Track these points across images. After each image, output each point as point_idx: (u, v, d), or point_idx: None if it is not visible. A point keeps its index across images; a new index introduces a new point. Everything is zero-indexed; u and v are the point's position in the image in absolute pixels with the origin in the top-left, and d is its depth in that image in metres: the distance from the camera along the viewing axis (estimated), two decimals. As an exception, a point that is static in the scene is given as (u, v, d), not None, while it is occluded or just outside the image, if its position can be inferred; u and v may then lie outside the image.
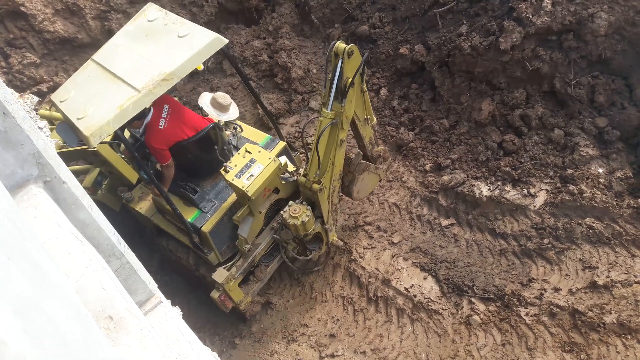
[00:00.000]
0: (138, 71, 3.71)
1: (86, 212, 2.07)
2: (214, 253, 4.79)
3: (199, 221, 4.62)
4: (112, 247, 2.18)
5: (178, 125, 4.49)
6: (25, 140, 1.74)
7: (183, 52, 3.74)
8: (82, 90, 3.78)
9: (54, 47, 7.14)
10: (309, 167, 4.56)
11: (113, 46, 4.08)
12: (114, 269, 2.13)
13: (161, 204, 4.72)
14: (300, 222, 4.59)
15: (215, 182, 4.90)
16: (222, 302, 4.74)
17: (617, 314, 4.59)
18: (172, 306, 2.59)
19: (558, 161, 5.62)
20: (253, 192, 4.32)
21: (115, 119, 3.44)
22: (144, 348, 1.60)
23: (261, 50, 7.47)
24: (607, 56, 5.67)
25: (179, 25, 4.01)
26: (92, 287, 1.68)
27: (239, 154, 4.47)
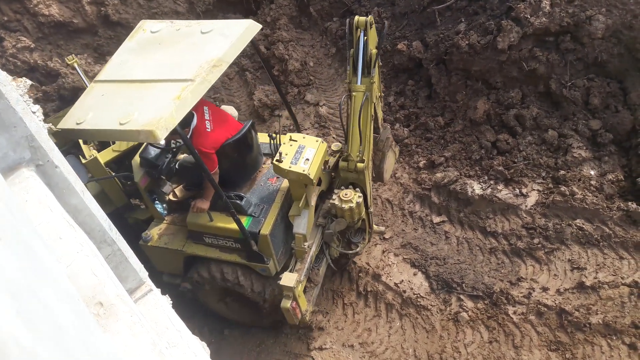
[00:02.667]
0: (176, 68, 3.71)
1: (78, 197, 2.05)
2: (273, 261, 4.51)
3: (254, 227, 4.36)
4: (103, 233, 2.17)
5: (221, 125, 4.38)
6: (18, 122, 1.72)
7: (221, 42, 3.77)
8: (104, 106, 3.69)
9: (48, 31, 7.07)
10: (349, 146, 4.40)
11: (119, 64, 4.02)
12: (105, 255, 2.12)
13: (202, 223, 4.44)
14: (355, 204, 4.39)
15: (253, 187, 4.73)
16: (294, 311, 4.41)
17: (603, 314, 4.64)
18: (162, 295, 2.58)
19: (551, 162, 5.66)
20: (314, 175, 4.18)
21: (177, 109, 3.38)
22: (134, 335, 1.59)
23: (258, 41, 7.44)
24: (603, 59, 5.70)
25: (194, 25, 4.05)
26: (83, 273, 1.67)
27: (284, 144, 4.33)
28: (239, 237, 4.36)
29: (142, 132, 3.32)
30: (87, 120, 3.62)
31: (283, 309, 4.37)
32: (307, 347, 5.06)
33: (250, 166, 4.75)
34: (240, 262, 4.55)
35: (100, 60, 7.27)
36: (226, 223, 4.35)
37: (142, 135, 3.35)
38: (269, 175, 4.79)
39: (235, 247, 4.49)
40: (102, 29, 7.22)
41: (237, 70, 7.48)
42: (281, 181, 4.69)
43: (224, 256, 4.58)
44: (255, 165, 4.78)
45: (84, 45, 7.23)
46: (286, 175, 4.23)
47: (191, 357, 2.13)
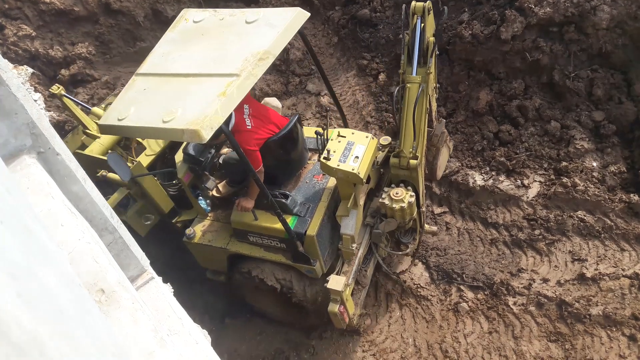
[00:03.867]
0: (220, 61, 3.52)
1: (80, 185, 2.05)
2: (319, 262, 4.35)
3: (299, 227, 4.20)
4: (105, 221, 2.17)
5: (263, 122, 4.21)
6: (19, 109, 1.71)
7: (267, 32, 3.58)
8: (146, 101, 3.54)
9: (49, 19, 7.03)
10: (402, 142, 4.17)
11: (161, 55, 3.84)
12: (106, 243, 2.13)
13: (246, 222, 4.32)
14: (406, 204, 4.16)
15: (298, 184, 4.56)
16: (342, 315, 4.26)
17: (603, 306, 4.65)
18: (163, 283, 2.59)
19: (553, 153, 5.64)
20: (364, 174, 3.98)
21: (222, 107, 3.21)
22: (136, 322, 1.60)
23: (260, 30, 7.40)
24: (607, 50, 5.66)
25: (239, 14, 3.85)
26: (84, 260, 1.67)
27: (332, 140, 4.10)
28: (284, 237, 4.22)
29: (187, 132, 3.16)
30: (129, 116, 3.45)
31: (330, 313, 4.22)
32: (307, 335, 5.09)
33: (295, 163, 4.57)
34: (285, 263, 4.41)
35: (101, 48, 7.25)
36: (271, 222, 4.20)
37: (186, 135, 3.19)
38: (314, 172, 4.61)
39: (280, 247, 4.37)
40: (103, 17, 7.19)
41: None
42: (328, 179, 4.51)
43: (268, 256, 4.44)
44: (300, 162, 4.61)
45: (85, 34, 7.20)
46: (334, 174, 4.03)
47: (192, 344, 2.14)
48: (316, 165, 4.59)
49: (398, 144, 4.23)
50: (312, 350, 5.00)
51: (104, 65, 7.26)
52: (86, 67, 7.00)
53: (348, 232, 4.20)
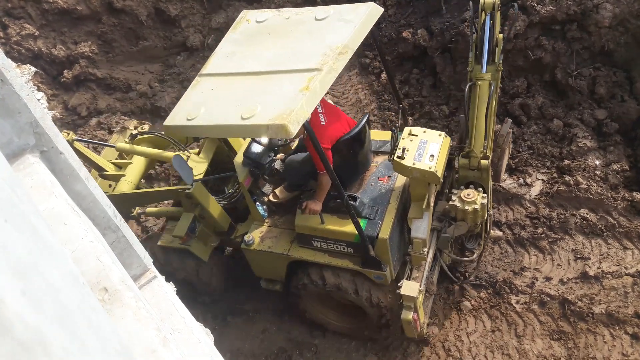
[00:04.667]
0: (296, 57, 3.46)
1: (83, 184, 2.06)
2: (389, 268, 4.17)
3: (370, 230, 4.03)
4: (108, 220, 2.17)
5: (335, 120, 4.12)
6: (22, 108, 1.72)
7: (342, 28, 3.51)
8: (217, 100, 3.51)
9: (52, 18, 7.06)
10: (472, 141, 4.06)
11: (226, 56, 3.81)
12: (109, 242, 2.13)
13: (312, 226, 4.17)
14: (479, 205, 4.01)
15: (363, 187, 4.39)
16: (415, 323, 4.10)
17: (606, 304, 4.64)
18: (166, 282, 2.60)
19: (555, 152, 5.63)
20: (441, 172, 3.86)
21: (307, 101, 3.14)
22: (139, 320, 1.61)
23: (262, 29, 7.40)
24: (609, 48, 5.65)
25: (306, 13, 3.80)
26: (87, 259, 1.68)
27: (403, 139, 3.94)
28: (353, 242, 4.09)
29: (272, 127, 3.09)
30: (201, 116, 3.41)
31: (404, 321, 4.07)
32: (310, 334, 5.10)
33: (361, 164, 4.42)
34: (353, 269, 4.23)
35: (104, 47, 7.26)
36: (339, 226, 4.09)
37: (271, 130, 3.13)
38: (378, 175, 4.44)
39: (347, 252, 4.22)
40: (106, 17, 7.21)
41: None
42: (393, 181, 4.33)
43: (334, 261, 4.26)
44: (365, 164, 4.46)
45: (87, 33, 7.22)
46: (409, 173, 3.86)
47: (195, 343, 2.14)
48: (380, 167, 4.47)
49: (468, 143, 4.13)
50: (315, 349, 5.01)
51: (107, 64, 7.28)
52: (89, 66, 7.02)
53: (420, 235, 4.02)
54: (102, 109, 6.92)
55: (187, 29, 7.58)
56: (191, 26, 7.61)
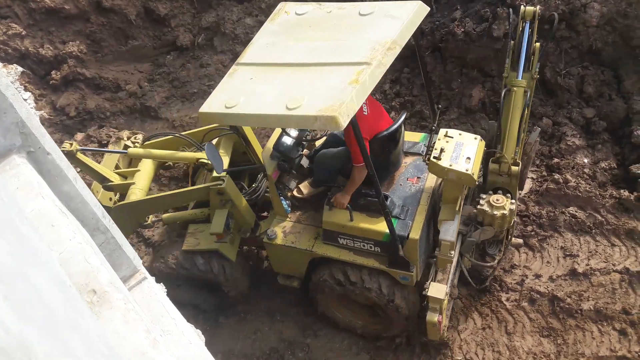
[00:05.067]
0: (342, 51, 3.42)
1: (71, 184, 2.04)
2: (416, 269, 4.13)
3: (400, 230, 3.98)
4: (96, 221, 2.16)
5: (377, 113, 4.07)
6: (8, 108, 1.70)
7: (389, 24, 3.47)
8: (257, 89, 3.47)
9: (40, 18, 6.99)
10: (504, 147, 4.08)
11: (264, 46, 3.77)
12: (98, 243, 2.11)
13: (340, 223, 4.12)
14: (507, 211, 3.98)
15: (392, 187, 4.34)
16: (439, 325, 4.07)
17: (594, 301, 4.69)
18: (156, 283, 2.58)
19: (545, 150, 5.67)
20: (477, 175, 3.84)
21: (357, 94, 3.11)
22: (128, 322, 1.59)
23: (253, 28, 7.37)
24: (597, 47, 5.70)
25: (349, 7, 3.76)
26: (75, 260, 1.66)
27: (439, 140, 3.93)
28: (381, 241, 4.05)
29: (321, 118, 3.06)
30: (240, 104, 3.38)
31: (429, 322, 4.06)
32: (302, 334, 5.09)
33: (392, 164, 4.36)
34: (378, 268, 4.18)
35: (93, 47, 7.20)
36: (369, 224, 4.04)
37: (319, 122, 3.10)
38: (407, 175, 4.40)
39: (373, 251, 4.16)
40: (95, 16, 7.14)
41: (231, 58, 7.43)
42: (423, 182, 4.31)
43: (359, 260, 4.21)
44: (397, 164, 4.40)
45: (76, 32, 7.15)
46: (445, 174, 3.84)
47: (186, 344, 2.13)
48: (409, 168, 4.43)
49: (499, 149, 4.14)
50: (307, 349, 5.00)
51: (96, 64, 7.22)
52: (77, 66, 6.96)
53: (448, 238, 3.99)
54: (91, 109, 6.86)
55: (176, 28, 7.54)
56: (181, 25, 7.57)
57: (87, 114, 6.87)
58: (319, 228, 4.32)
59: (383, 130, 4.01)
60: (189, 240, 4.62)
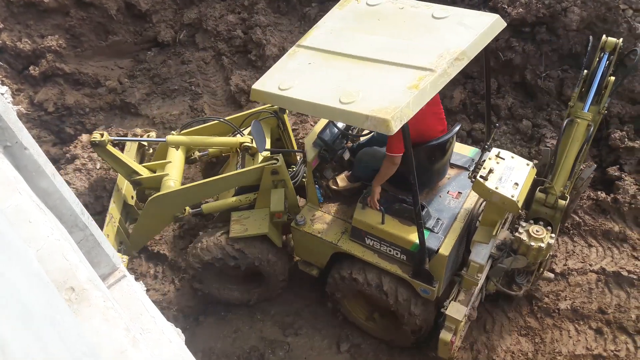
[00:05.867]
0: (408, 52, 3.29)
1: (49, 180, 2.00)
2: (439, 285, 4.02)
3: (430, 242, 3.87)
4: (75, 217, 2.12)
5: (434, 110, 3.89)
6: (-16, 102, 1.66)
7: (461, 32, 3.34)
8: (313, 76, 3.38)
9: (17, 11, 6.84)
10: (555, 178, 3.94)
11: (328, 32, 3.66)
12: (76, 240, 2.08)
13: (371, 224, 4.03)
14: (545, 244, 3.82)
15: (430, 197, 4.23)
16: (451, 345, 3.98)
17: (571, 300, 4.77)
18: (135, 281, 2.55)
19: (524, 152, 5.75)
20: (522, 203, 3.71)
21: (414, 101, 2.99)
22: (107, 320, 1.57)
23: (235, 25, 7.34)
24: (577, 50, 5.79)
25: (422, 7, 3.65)
26: (53, 257, 1.63)
27: (489, 159, 3.78)
28: (408, 249, 3.94)
29: (372, 119, 2.96)
30: (294, 88, 3.31)
31: (441, 340, 3.97)
32: (282, 332, 5.08)
33: (436, 174, 4.23)
34: (400, 276, 4.09)
35: (72, 41, 7.07)
36: (399, 230, 3.95)
37: (370, 122, 2.98)
38: (449, 188, 4.28)
39: (399, 257, 4.07)
40: (74, 10, 7.02)
41: (213, 55, 7.38)
42: (464, 198, 4.19)
43: (382, 263, 4.13)
44: (441, 175, 4.28)
45: (55, 26, 7.03)
46: (488, 196, 3.69)
47: (165, 343, 2.11)
48: (452, 181, 4.32)
49: (550, 179, 4.02)
50: (288, 347, 4.99)
51: (75, 59, 7.10)
52: (56, 61, 6.83)
53: (479, 260, 3.88)
54: (70, 105, 6.74)
55: (158, 24, 7.46)
56: (162, 21, 7.49)
57: (66, 110, 6.76)
58: (348, 223, 4.26)
59: (433, 139, 3.86)
60: (235, 227, 4.52)
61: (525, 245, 3.88)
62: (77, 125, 6.74)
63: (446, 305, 3.97)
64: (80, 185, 5.12)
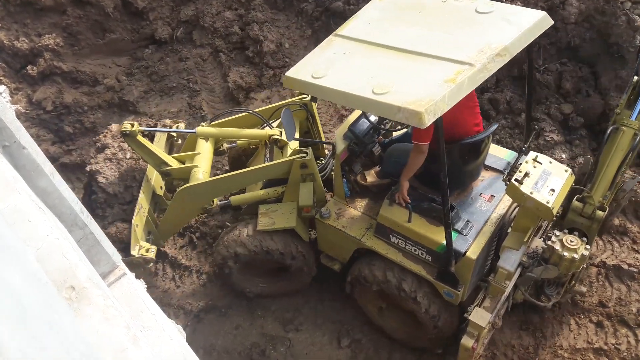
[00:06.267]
0: (447, 45, 3.20)
1: (47, 179, 2.00)
2: (464, 289, 3.93)
3: (458, 245, 3.75)
4: (74, 216, 2.12)
5: (469, 105, 3.78)
6: (-19, 102, 1.66)
7: (505, 28, 3.25)
8: (347, 66, 3.34)
9: (14, 10, 6.81)
10: (594, 187, 3.79)
11: (366, 22, 3.61)
12: (76, 239, 2.08)
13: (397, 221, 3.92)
14: (579, 255, 3.65)
15: (461, 198, 4.10)
16: (472, 352, 3.87)
17: (572, 294, 4.77)
18: (136, 279, 2.55)
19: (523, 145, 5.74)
20: (557, 210, 3.59)
21: (450, 95, 2.89)
22: (107, 319, 1.57)
23: (232, 21, 7.32)
24: (575, 44, 5.78)
25: (466, 1, 3.55)
26: (53, 257, 1.64)
27: (526, 163, 3.64)
28: (434, 250, 3.84)
29: (405, 111, 2.88)
30: (328, 77, 3.26)
31: (462, 346, 3.85)
32: (283, 328, 5.09)
33: (470, 174, 4.10)
34: (424, 277, 3.98)
35: (69, 39, 7.05)
36: (426, 230, 3.84)
37: (402, 114, 2.90)
38: (482, 190, 4.15)
39: (424, 258, 3.96)
40: (71, 8, 7.00)
41: (210, 52, 7.36)
42: (496, 202, 4.06)
43: (406, 263, 4.02)
44: (474, 176, 4.15)
45: (52, 25, 7.00)
46: (522, 200, 3.54)
47: (166, 340, 2.11)
48: (485, 183, 4.19)
49: (589, 188, 3.86)
50: (289, 343, 5.01)
51: (73, 57, 7.08)
52: (54, 59, 6.81)
53: (508, 267, 3.77)
54: (69, 103, 6.73)
55: (155, 21, 7.43)
56: (160, 19, 7.47)
57: (65, 108, 6.74)
58: (374, 220, 4.18)
59: (468, 137, 3.75)
60: (262, 220, 4.50)
61: (557, 255, 3.71)
62: (75, 123, 6.72)
63: (470, 311, 3.84)
64: (110, 174, 5.09)
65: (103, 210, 5.07)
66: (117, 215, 5.05)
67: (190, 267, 5.49)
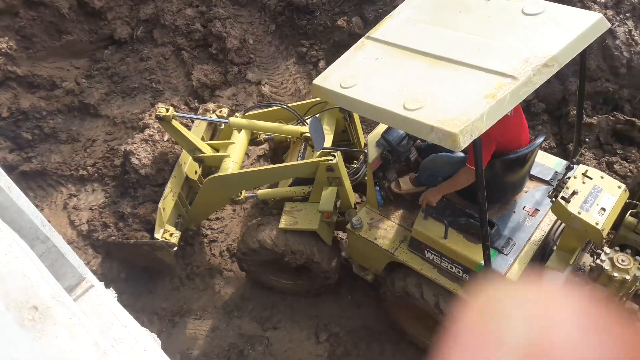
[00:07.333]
0: (488, 53, 2.90)
1: (4, 194, 1.92)
2: None
3: (497, 265, 3.50)
4: (35, 230, 2.04)
5: (519, 126, 3.52)
6: None
7: (554, 33, 2.92)
8: (379, 74, 3.09)
9: None
10: None
11: (402, 23, 3.32)
12: (38, 253, 2.01)
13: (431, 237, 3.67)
14: (631, 276, 3.27)
15: (503, 212, 3.80)
16: None
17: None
18: (105, 289, 2.49)
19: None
20: (607, 232, 3.30)
21: (489, 113, 2.60)
22: (74, 337, 1.52)
23: (194, 19, 7.18)
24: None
25: (513, 0, 3.22)
26: (12, 276, 1.57)
27: (574, 178, 3.35)
28: (472, 269, 3.58)
29: (438, 131, 2.61)
30: (357, 87, 3.01)
31: None
32: (261, 327, 5.07)
33: (513, 187, 3.81)
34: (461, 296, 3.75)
35: (23, 42, 6.80)
36: (463, 248, 3.58)
37: (435, 134, 2.62)
38: (525, 203, 3.84)
39: (460, 276, 3.70)
40: (23, 10, 6.74)
41: (172, 50, 7.22)
42: (541, 216, 3.74)
43: (442, 280, 3.78)
44: (517, 188, 3.85)
45: (3, 28, 6.73)
46: (569, 220, 3.27)
47: (139, 351, 2.07)
48: (529, 195, 3.89)
49: None
50: (267, 342, 4.99)
51: (28, 61, 6.83)
52: (7, 64, 6.56)
53: None
54: (26, 109, 6.50)
55: (113, 21, 7.23)
56: (118, 18, 7.27)
57: (22, 114, 6.51)
58: (408, 231, 3.95)
59: (511, 152, 3.44)
60: (286, 218, 4.39)
61: (606, 276, 3.30)
62: (34, 129, 6.50)
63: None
64: (144, 156, 4.94)
65: (134, 190, 4.96)
66: (147, 197, 4.95)
67: (161, 270, 5.39)
